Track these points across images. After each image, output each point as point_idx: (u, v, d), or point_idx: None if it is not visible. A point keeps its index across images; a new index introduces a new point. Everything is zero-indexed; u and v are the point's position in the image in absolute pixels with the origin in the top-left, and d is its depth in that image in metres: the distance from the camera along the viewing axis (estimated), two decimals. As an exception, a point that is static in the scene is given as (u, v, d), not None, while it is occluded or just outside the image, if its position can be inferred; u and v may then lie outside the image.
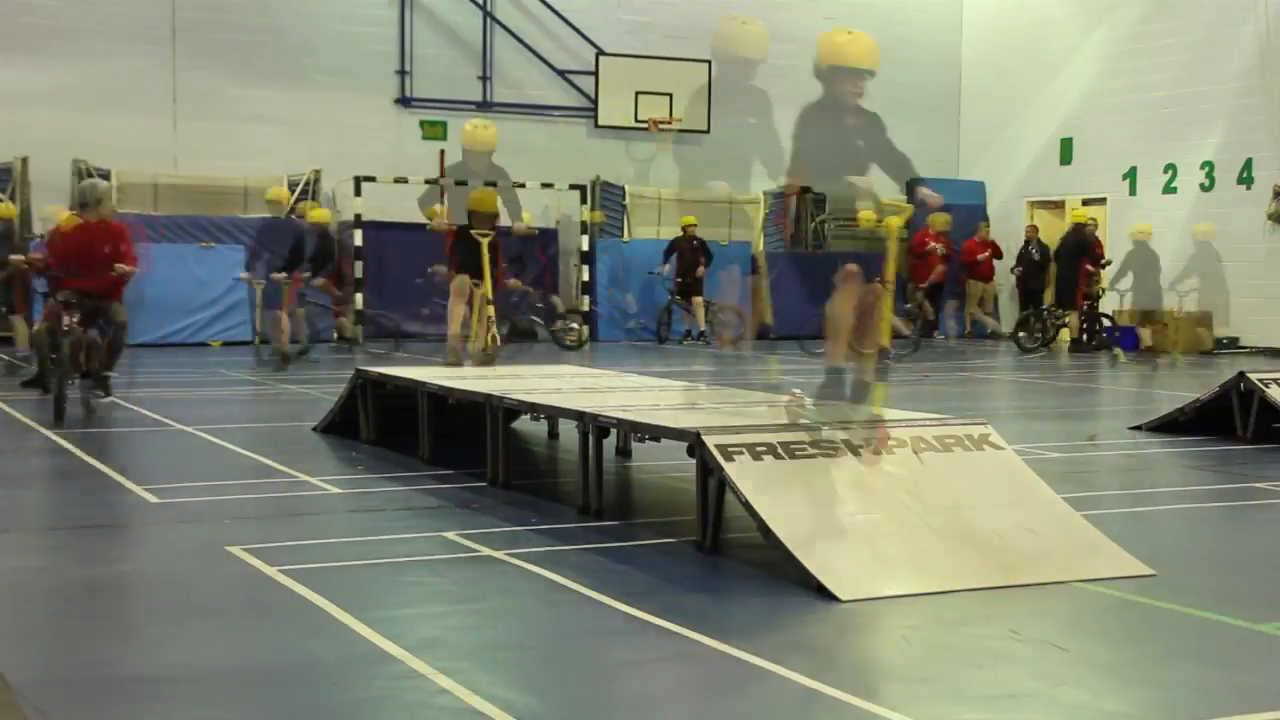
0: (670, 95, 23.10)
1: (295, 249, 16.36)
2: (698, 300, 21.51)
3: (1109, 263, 20.95)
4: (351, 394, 9.74)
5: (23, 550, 6.39)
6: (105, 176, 20.50)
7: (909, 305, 21.68)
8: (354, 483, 8.12)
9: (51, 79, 20.18)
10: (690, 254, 21.53)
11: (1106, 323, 21.76)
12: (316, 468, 8.53)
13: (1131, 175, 23.06)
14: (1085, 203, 23.58)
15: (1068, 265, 20.69)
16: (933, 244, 22.88)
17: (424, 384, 8.86)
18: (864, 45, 7.07)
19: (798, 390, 7.02)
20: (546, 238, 22.68)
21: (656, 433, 6.78)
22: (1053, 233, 23.20)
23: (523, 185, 11.38)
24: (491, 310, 12.24)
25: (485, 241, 12.08)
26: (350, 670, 4.44)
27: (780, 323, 23.50)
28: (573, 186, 22.64)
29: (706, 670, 4.52)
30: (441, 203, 12.89)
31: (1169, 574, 5.75)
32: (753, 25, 7.61)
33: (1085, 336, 21.61)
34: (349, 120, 21.91)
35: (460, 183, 12.67)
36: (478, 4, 22.81)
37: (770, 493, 5.83)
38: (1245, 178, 21.32)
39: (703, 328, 21.61)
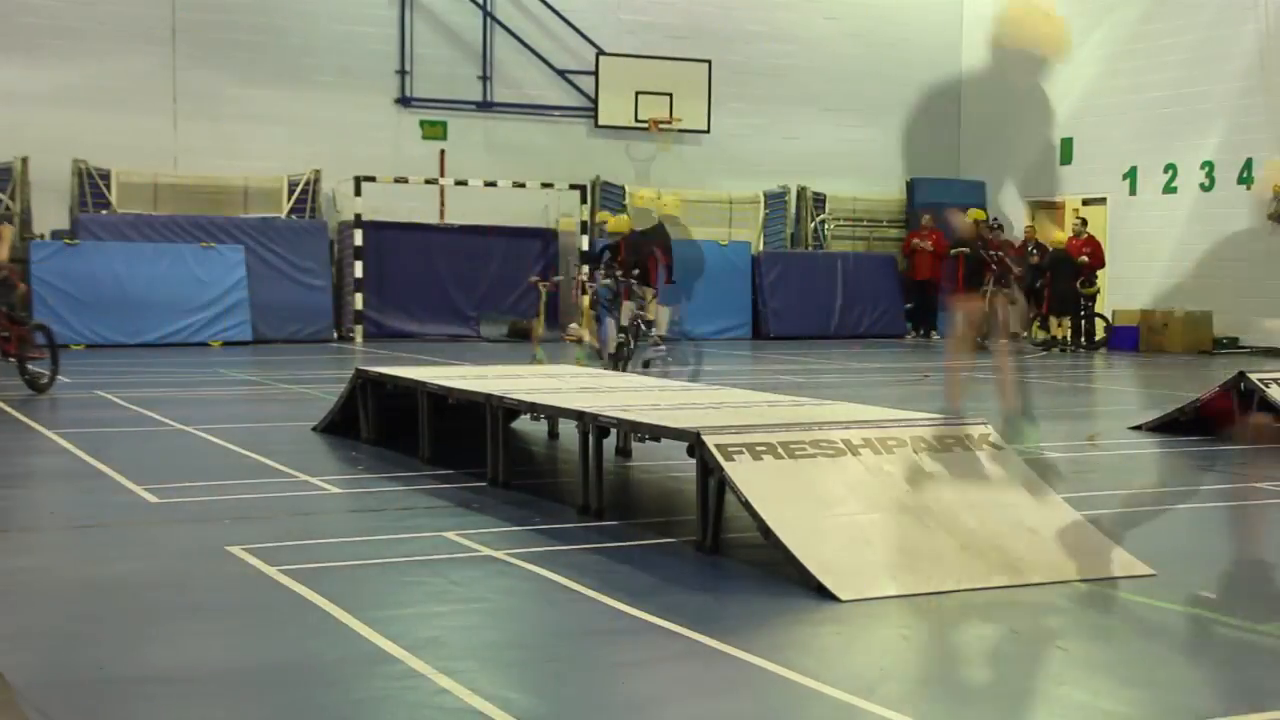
0: (670, 95, 23.10)
1: None
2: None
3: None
4: (351, 394, 9.74)
5: (23, 550, 6.39)
6: (105, 176, 20.55)
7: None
8: (354, 483, 8.12)
9: (51, 79, 20.18)
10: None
11: (1102, 323, 21.81)
12: (316, 468, 8.52)
13: (1131, 175, 23.04)
14: (1085, 203, 23.57)
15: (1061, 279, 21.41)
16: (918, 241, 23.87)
17: (424, 384, 8.86)
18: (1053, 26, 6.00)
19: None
20: (546, 237, 22.69)
21: (656, 433, 6.78)
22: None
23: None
24: None
25: None
26: (350, 670, 4.44)
27: (780, 323, 23.52)
28: (573, 186, 22.63)
29: (706, 670, 4.52)
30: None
31: (1169, 574, 5.74)
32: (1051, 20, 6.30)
33: (1083, 337, 21.65)
34: (349, 120, 21.91)
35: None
36: (478, 4, 22.81)
37: (770, 493, 5.83)
38: (1245, 178, 21.30)
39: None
